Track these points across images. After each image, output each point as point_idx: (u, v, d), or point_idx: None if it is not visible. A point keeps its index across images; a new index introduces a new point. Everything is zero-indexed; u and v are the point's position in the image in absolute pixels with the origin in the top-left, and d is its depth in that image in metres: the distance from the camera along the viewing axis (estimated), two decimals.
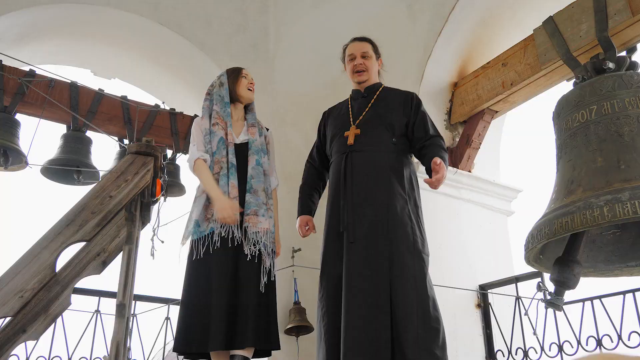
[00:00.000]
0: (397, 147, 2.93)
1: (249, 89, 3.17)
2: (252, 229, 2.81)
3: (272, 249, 2.89)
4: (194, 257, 2.84)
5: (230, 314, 2.70)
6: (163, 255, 3.69)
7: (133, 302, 3.90)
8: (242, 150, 3.03)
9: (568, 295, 2.80)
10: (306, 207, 3.14)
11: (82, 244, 2.71)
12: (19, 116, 3.79)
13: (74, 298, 3.60)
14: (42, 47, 4.57)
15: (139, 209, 2.86)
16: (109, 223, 2.97)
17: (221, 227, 2.80)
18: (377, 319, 2.59)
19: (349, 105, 3.13)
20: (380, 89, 3.12)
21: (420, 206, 2.94)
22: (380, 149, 2.90)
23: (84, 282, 3.09)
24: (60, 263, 2.80)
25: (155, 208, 3.59)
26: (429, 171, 2.82)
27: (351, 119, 3.04)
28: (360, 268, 2.69)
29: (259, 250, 2.82)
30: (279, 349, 2.84)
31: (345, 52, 3.19)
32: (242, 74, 3.20)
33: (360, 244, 2.73)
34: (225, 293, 2.72)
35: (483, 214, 4.22)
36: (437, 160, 2.70)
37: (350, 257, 2.73)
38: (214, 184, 2.88)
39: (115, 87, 5.25)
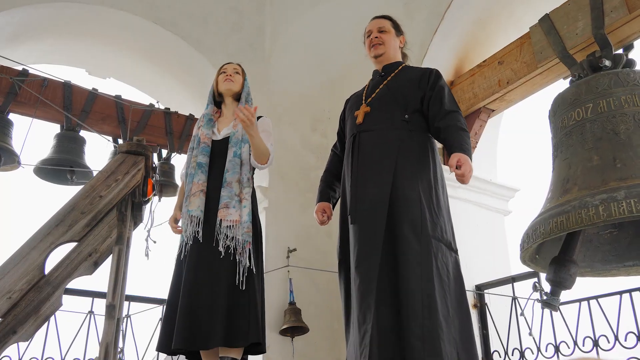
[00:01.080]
0: (410, 124, 2.71)
1: (225, 80, 3.13)
2: (223, 224, 2.78)
3: (245, 240, 2.79)
4: (177, 258, 2.85)
5: (197, 312, 2.63)
6: (158, 255, 3.67)
7: (127, 302, 3.90)
8: (223, 146, 3.01)
9: (564, 295, 2.77)
10: (324, 194, 3.00)
11: (72, 244, 2.68)
12: (12, 116, 3.76)
13: (67, 299, 3.58)
14: (36, 46, 4.55)
15: (130, 209, 2.83)
16: (100, 223, 2.95)
17: (190, 225, 2.79)
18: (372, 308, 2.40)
19: (366, 86, 3.00)
20: (400, 67, 2.93)
21: (435, 187, 2.66)
22: (390, 126, 2.72)
23: (77, 283, 3.07)
24: (52, 263, 2.79)
25: (149, 208, 3.58)
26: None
27: (364, 98, 2.89)
28: (361, 252, 2.53)
29: (234, 245, 2.75)
30: (260, 343, 2.73)
31: (365, 33, 3.06)
32: (220, 71, 3.21)
33: (362, 226, 2.57)
34: (193, 291, 2.67)
35: (480, 214, 4.19)
36: (454, 159, 2.48)
37: (352, 241, 2.60)
38: (177, 202, 3.12)
39: (110, 87, 5.24)
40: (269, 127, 3.16)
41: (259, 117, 3.19)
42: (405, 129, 2.70)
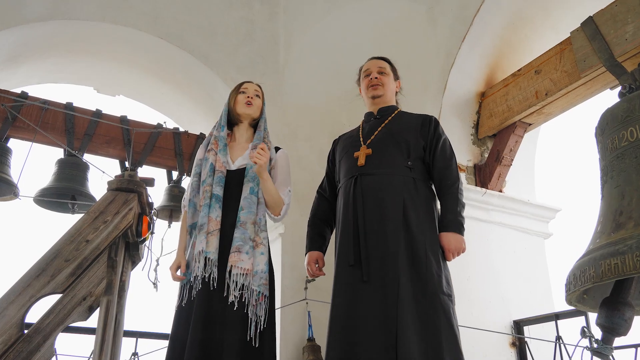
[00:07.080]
0: (412, 171, 2.60)
1: (246, 104, 2.81)
2: (233, 270, 2.45)
3: (261, 292, 2.49)
4: (180, 301, 2.51)
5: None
6: (169, 288, 3.41)
7: (134, 339, 3.65)
8: (237, 178, 2.68)
9: (619, 339, 2.39)
10: (315, 242, 2.81)
11: (55, 296, 2.41)
12: (12, 140, 3.55)
13: (70, 337, 3.35)
14: (38, 66, 4.34)
15: (122, 253, 2.54)
16: (95, 264, 2.69)
17: (204, 268, 2.45)
18: None
19: (360, 127, 2.84)
20: (396, 112, 2.82)
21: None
22: (395, 172, 2.58)
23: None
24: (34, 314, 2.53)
25: (159, 237, 3.33)
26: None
27: (361, 139, 2.74)
28: (371, 311, 2.35)
29: (247, 296, 2.43)
30: None
31: (361, 71, 2.94)
32: (240, 90, 2.87)
33: (374, 284, 2.39)
34: (201, 338, 2.35)
35: (517, 238, 3.79)
36: (443, 243, 2.51)
37: (360, 298, 2.39)
38: (180, 243, 2.68)
39: (120, 105, 5.02)
40: (287, 164, 2.85)
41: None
42: (409, 176, 2.60)
